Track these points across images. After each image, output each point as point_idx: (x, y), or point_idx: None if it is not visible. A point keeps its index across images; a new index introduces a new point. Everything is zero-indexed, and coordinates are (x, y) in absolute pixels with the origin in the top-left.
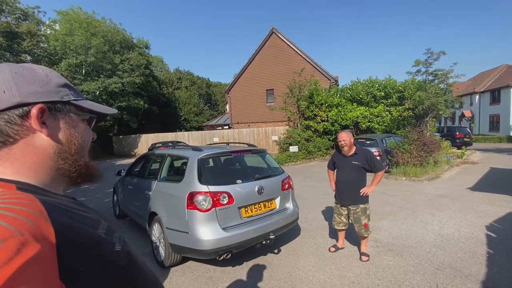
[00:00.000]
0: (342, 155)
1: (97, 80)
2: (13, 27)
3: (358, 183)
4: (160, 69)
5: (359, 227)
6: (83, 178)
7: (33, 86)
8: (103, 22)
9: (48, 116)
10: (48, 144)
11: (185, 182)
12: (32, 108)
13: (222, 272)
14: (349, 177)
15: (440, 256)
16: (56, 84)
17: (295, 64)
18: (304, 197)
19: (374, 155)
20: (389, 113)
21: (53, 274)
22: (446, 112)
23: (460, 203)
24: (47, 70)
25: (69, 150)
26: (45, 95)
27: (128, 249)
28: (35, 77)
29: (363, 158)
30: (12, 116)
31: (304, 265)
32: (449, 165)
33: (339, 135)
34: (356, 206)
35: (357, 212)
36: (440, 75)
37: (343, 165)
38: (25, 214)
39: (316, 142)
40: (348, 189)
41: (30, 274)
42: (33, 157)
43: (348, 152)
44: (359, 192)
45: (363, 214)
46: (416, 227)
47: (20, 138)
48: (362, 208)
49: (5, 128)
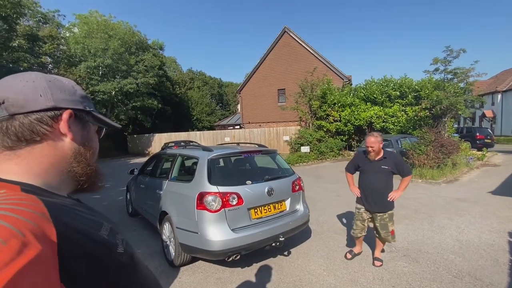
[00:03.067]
0: (367, 158)
1: (113, 81)
2: (34, 30)
3: (387, 188)
4: (174, 70)
5: (386, 233)
6: (90, 183)
7: (64, 94)
8: (119, 24)
9: (73, 121)
10: (69, 147)
11: (195, 182)
12: (63, 113)
13: (231, 273)
14: (379, 182)
15: (459, 263)
16: (80, 95)
17: (307, 63)
18: (315, 198)
19: (403, 159)
20: (404, 113)
21: (53, 275)
22: (466, 112)
23: (480, 207)
24: (72, 82)
25: (85, 154)
26: (73, 103)
27: (131, 251)
28: (64, 87)
29: (392, 162)
30: (44, 117)
31: (315, 268)
32: (469, 167)
33: (367, 140)
34: (383, 213)
35: (385, 218)
36: (460, 73)
37: (371, 169)
38: (28, 215)
39: (328, 143)
40: (378, 195)
41: (31, 275)
42: (50, 158)
43: (375, 157)
44: (387, 198)
45: (390, 220)
46: (432, 232)
47: (46, 139)
48: (390, 214)
49: (36, 127)
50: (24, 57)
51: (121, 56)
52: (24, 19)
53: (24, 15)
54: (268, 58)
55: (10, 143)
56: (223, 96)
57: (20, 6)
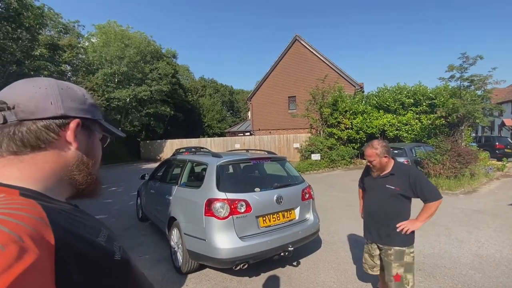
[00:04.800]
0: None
1: (128, 88)
2: (55, 40)
3: (393, 215)
4: (186, 78)
5: (388, 276)
6: (88, 191)
7: (74, 103)
8: (136, 34)
9: (80, 130)
10: (72, 155)
11: (203, 189)
12: (71, 122)
13: (238, 282)
14: (383, 206)
15: (479, 279)
16: (90, 104)
17: (318, 71)
18: (326, 207)
19: (418, 176)
20: (418, 121)
21: (50, 281)
22: (484, 121)
23: (501, 220)
24: (83, 90)
25: (87, 163)
26: (81, 111)
27: (127, 258)
28: (76, 95)
29: (402, 181)
30: (52, 125)
31: (325, 280)
32: (488, 178)
33: (365, 151)
34: (388, 247)
35: (389, 255)
36: (477, 80)
37: (373, 187)
38: (26, 220)
39: (339, 151)
40: (381, 223)
41: (29, 280)
42: (52, 165)
43: (378, 173)
44: (394, 228)
45: (397, 259)
46: (450, 245)
47: (51, 146)
48: (397, 251)
49: (42, 134)
50: (45, 65)
51: (136, 64)
52: (46, 30)
53: (46, 26)
54: (279, 65)
55: (15, 148)
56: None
57: (42, 17)
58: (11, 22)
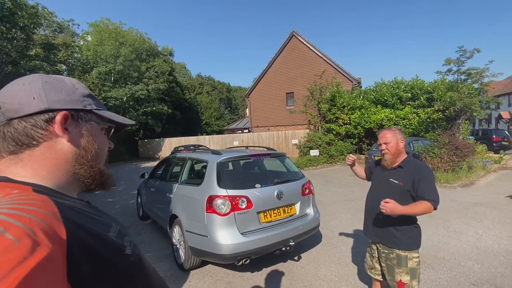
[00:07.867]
0: (381, 164)
1: (124, 87)
2: (50, 39)
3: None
4: (183, 75)
5: (392, 282)
6: (97, 184)
7: (60, 94)
8: (130, 32)
9: (70, 123)
10: (68, 149)
11: (204, 186)
12: (57, 115)
13: (240, 277)
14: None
15: (477, 270)
16: (81, 94)
17: (316, 67)
18: (326, 202)
19: (428, 176)
20: (416, 115)
21: (62, 274)
22: (481, 114)
23: (499, 212)
24: (74, 81)
25: (86, 156)
26: (70, 103)
27: (138, 252)
28: (63, 87)
29: (410, 176)
30: (38, 120)
31: (326, 274)
32: (486, 170)
33: (381, 133)
34: (389, 250)
35: (391, 259)
36: (474, 74)
37: (378, 180)
38: (40, 215)
39: (338, 146)
40: (380, 219)
41: (42, 274)
42: (52, 161)
43: (389, 163)
44: (397, 228)
45: (400, 265)
46: (449, 237)
47: (43, 142)
48: (400, 256)
49: (31, 131)
50: (41, 65)
51: (132, 62)
52: (41, 29)
53: (40, 25)
54: (276, 62)
55: (12, 148)
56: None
57: (37, 17)
58: (6, 22)
